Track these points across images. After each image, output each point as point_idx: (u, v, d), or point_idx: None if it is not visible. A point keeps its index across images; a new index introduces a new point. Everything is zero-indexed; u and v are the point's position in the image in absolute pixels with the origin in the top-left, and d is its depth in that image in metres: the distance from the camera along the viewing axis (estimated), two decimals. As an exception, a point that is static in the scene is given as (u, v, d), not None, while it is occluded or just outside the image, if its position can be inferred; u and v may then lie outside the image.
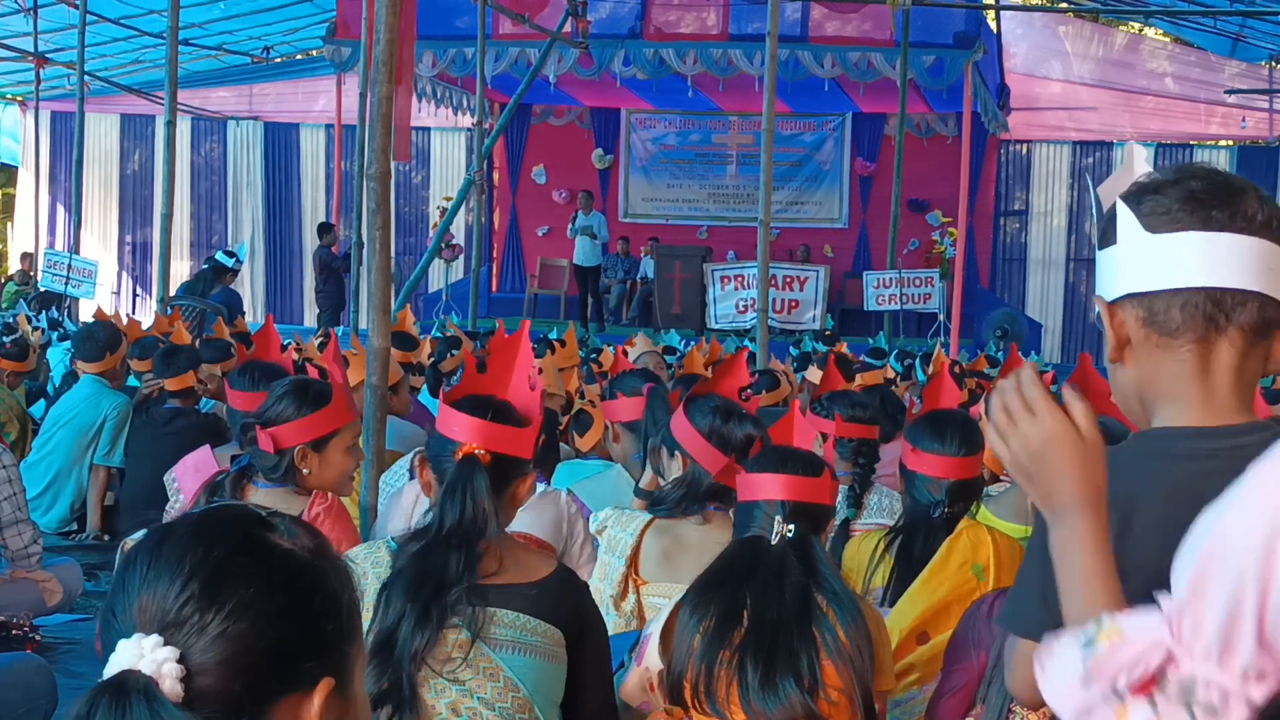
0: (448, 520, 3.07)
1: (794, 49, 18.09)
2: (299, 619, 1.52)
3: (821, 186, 24.10)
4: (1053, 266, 24.47)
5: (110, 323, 9.28)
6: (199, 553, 1.49)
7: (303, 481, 4.15)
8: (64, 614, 6.17)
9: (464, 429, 3.16)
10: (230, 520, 1.56)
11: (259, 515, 1.58)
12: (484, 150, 17.76)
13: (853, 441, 5.38)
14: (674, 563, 3.87)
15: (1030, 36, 22.71)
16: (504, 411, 3.22)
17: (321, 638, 1.54)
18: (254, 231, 25.98)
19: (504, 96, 20.73)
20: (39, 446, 8.16)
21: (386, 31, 5.95)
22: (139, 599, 1.48)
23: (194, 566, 1.48)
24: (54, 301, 16.08)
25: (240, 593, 1.47)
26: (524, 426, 3.23)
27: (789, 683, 2.98)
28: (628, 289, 22.46)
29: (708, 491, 3.92)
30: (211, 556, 1.49)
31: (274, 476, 4.12)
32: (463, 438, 3.15)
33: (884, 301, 17.64)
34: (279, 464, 4.12)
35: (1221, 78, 22.21)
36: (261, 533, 1.55)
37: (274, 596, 1.50)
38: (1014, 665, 1.97)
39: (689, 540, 3.90)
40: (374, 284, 5.91)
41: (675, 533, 3.92)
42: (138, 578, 1.49)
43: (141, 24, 20.56)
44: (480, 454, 3.12)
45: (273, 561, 1.52)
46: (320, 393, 4.19)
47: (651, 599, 3.85)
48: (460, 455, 3.12)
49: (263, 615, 1.48)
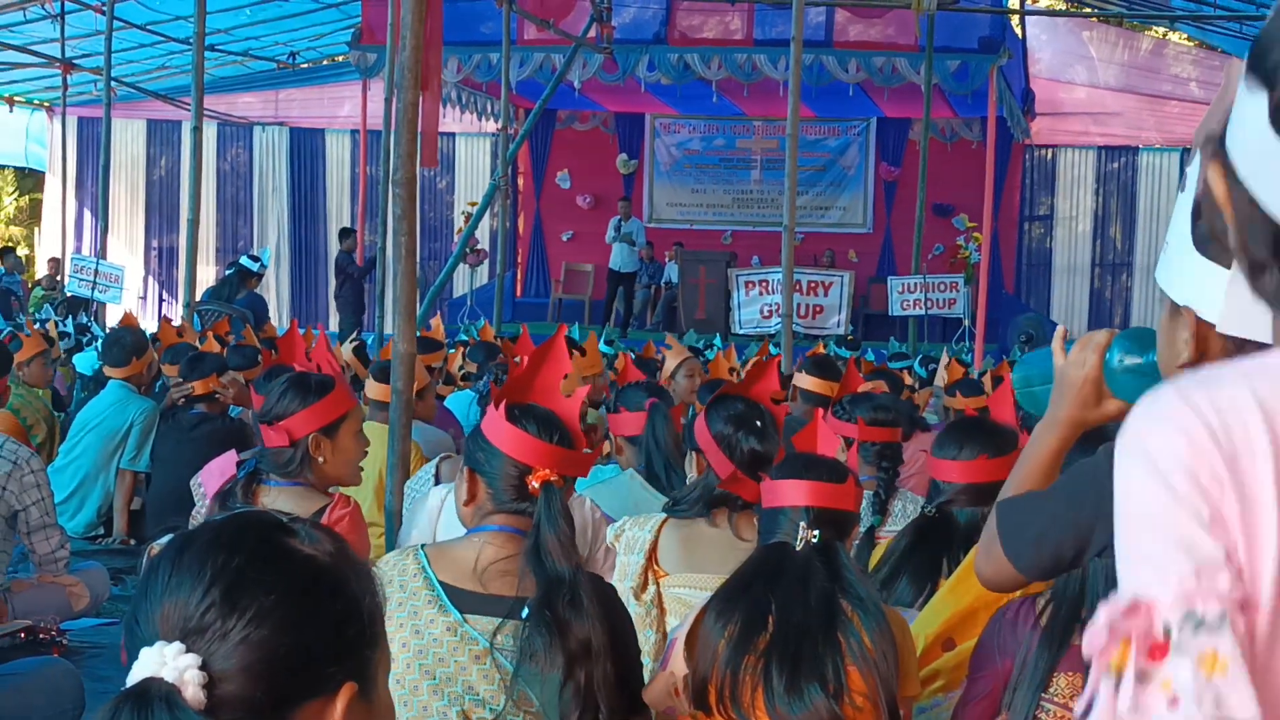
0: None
1: (818, 54, 18.07)
2: (320, 624, 1.52)
3: (846, 191, 24.08)
4: (1077, 272, 24.39)
5: (137, 329, 9.31)
6: (220, 560, 1.50)
7: (318, 471, 4.15)
8: (91, 618, 6.20)
9: (533, 453, 3.14)
10: (251, 527, 1.57)
11: (279, 521, 1.59)
12: (509, 155, 17.79)
13: (875, 445, 5.36)
14: (693, 554, 3.88)
15: (1055, 41, 22.65)
16: (566, 436, 3.20)
17: (343, 642, 1.55)
18: (279, 237, 26.05)
19: (529, 102, 20.75)
20: (66, 451, 8.19)
21: (413, 38, 5.96)
22: (161, 607, 1.49)
23: (215, 574, 1.49)
24: (81, 306, 16.15)
25: (261, 599, 1.48)
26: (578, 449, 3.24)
27: (814, 688, 2.98)
28: (652, 294, 22.46)
29: (719, 497, 3.93)
30: (233, 563, 1.50)
31: (289, 470, 4.13)
32: (533, 461, 3.13)
33: (908, 306, 17.62)
34: (293, 456, 4.13)
35: (1247, 82, 22.11)
36: (282, 538, 1.56)
37: (295, 602, 1.51)
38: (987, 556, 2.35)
39: (706, 535, 3.92)
40: (399, 289, 5.93)
41: (691, 529, 3.94)
42: (160, 586, 1.50)
43: (168, 30, 20.62)
44: (555, 480, 3.11)
45: (293, 567, 1.53)
46: (322, 382, 4.22)
47: (673, 590, 3.86)
48: (539, 481, 3.10)
49: (284, 621, 1.49)
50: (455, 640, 2.99)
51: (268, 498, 4.08)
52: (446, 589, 3.05)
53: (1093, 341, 2.27)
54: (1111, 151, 24.15)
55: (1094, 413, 2.28)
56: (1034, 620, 3.09)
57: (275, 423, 4.12)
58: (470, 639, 2.98)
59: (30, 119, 25.46)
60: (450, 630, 2.99)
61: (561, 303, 22.85)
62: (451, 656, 2.98)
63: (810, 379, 7.28)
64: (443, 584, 3.06)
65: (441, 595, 3.04)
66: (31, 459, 5.82)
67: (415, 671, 2.98)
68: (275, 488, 4.12)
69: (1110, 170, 24.21)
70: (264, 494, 4.10)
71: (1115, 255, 24.46)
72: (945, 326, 20.26)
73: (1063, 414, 2.26)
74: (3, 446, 5.73)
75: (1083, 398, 2.24)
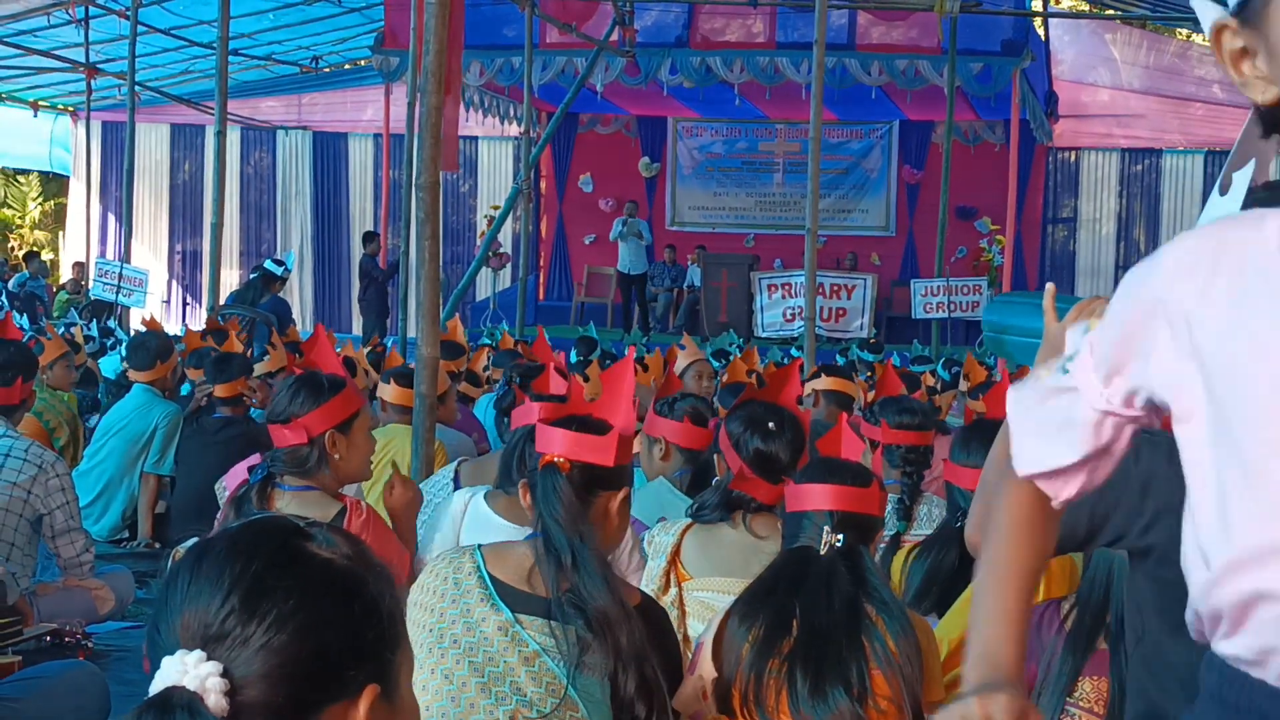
0: None
1: (841, 57, 18.04)
2: (340, 627, 1.52)
3: (869, 194, 24.05)
4: (1101, 274, 24.29)
5: (161, 332, 9.34)
6: (238, 566, 1.50)
7: (334, 469, 4.18)
8: (116, 621, 6.22)
9: (549, 439, 3.18)
10: (268, 532, 1.57)
11: (296, 525, 1.59)
12: (531, 159, 17.81)
13: (901, 449, 5.33)
14: (715, 558, 3.89)
15: (1078, 43, 22.59)
16: (590, 424, 3.21)
17: (364, 645, 1.55)
18: (302, 241, 26.11)
19: (551, 105, 20.78)
20: (90, 455, 8.22)
21: (435, 42, 5.97)
22: (181, 615, 1.49)
23: (234, 580, 1.49)
24: (105, 310, 16.19)
25: (281, 604, 1.48)
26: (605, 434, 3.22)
27: (839, 691, 2.99)
28: (674, 297, 22.46)
29: (735, 499, 3.95)
30: (251, 569, 1.50)
31: (307, 468, 4.15)
32: (549, 448, 3.16)
33: (931, 310, 17.58)
34: (309, 454, 4.14)
35: (1272, 84, 22.02)
36: (300, 543, 1.56)
37: (314, 606, 1.51)
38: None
39: (727, 538, 3.93)
40: (423, 293, 5.93)
41: (713, 533, 3.96)
42: (180, 594, 1.50)
43: (191, 34, 20.70)
44: (562, 463, 3.13)
45: (311, 571, 1.53)
46: (333, 380, 4.27)
47: (696, 594, 3.87)
48: (544, 464, 3.14)
49: (304, 625, 1.49)
50: (506, 640, 3.00)
51: (281, 502, 4.09)
52: (499, 587, 3.07)
53: (1091, 308, 2.23)
54: (1135, 154, 24.08)
55: None
56: (1059, 624, 3.09)
57: (290, 421, 4.13)
58: (521, 640, 2.99)
59: (55, 124, 25.57)
60: (501, 630, 3.01)
61: (584, 306, 22.85)
62: (501, 656, 2.99)
63: (829, 379, 7.29)
64: (495, 581, 3.08)
65: (494, 594, 3.06)
66: (57, 463, 5.84)
67: (465, 668, 2.99)
68: (289, 492, 4.12)
69: (1134, 173, 24.14)
70: (278, 499, 4.11)
71: (1139, 258, 23.89)
72: (969, 329, 20.21)
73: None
74: (28, 450, 5.75)
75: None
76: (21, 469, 5.70)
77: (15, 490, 5.68)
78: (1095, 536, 2.03)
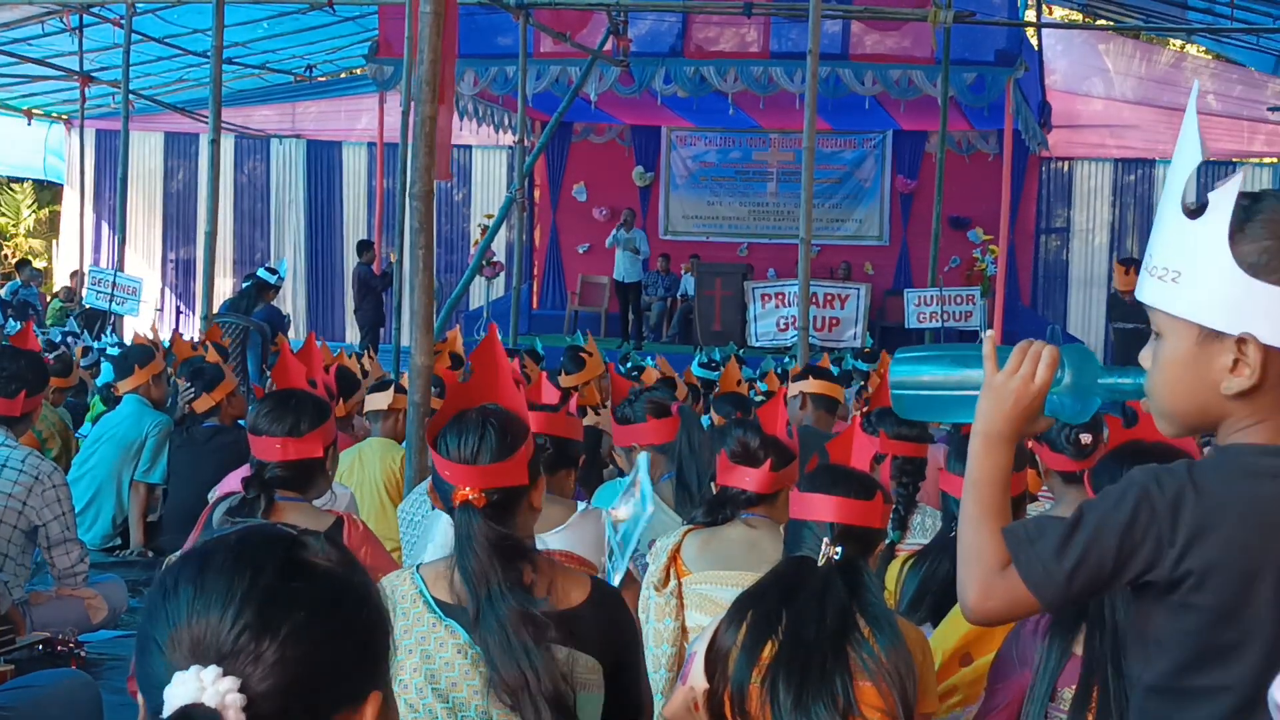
0: None
1: (835, 66, 18.04)
2: (350, 636, 1.53)
3: (862, 204, 24.07)
4: (1094, 284, 24.33)
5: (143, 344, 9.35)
6: (246, 579, 1.48)
7: (326, 480, 4.27)
8: (109, 630, 6.21)
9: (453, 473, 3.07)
10: (269, 543, 1.55)
11: (293, 535, 1.57)
12: (525, 168, 17.83)
13: (898, 459, 5.28)
14: (716, 552, 3.90)
15: (1071, 54, 22.61)
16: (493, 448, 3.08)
17: (371, 652, 1.55)
18: (296, 249, 26.10)
19: (545, 115, 20.77)
20: (80, 463, 8.22)
21: (430, 52, 5.97)
22: (188, 629, 1.46)
23: (244, 594, 1.47)
24: (99, 319, 16.18)
25: (293, 617, 1.47)
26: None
27: (820, 706, 2.97)
28: (668, 306, 22.47)
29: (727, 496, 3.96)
30: (260, 582, 1.48)
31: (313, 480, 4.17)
32: (455, 480, 3.05)
33: (925, 319, 17.60)
34: (317, 467, 4.18)
35: (1264, 95, 22.04)
36: (301, 553, 1.55)
37: (325, 617, 1.50)
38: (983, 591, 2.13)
39: (727, 535, 3.95)
40: (417, 302, 5.93)
41: (714, 532, 3.98)
42: (184, 607, 1.48)
43: (185, 43, 20.70)
44: (475, 499, 3.01)
45: (318, 582, 1.52)
46: (327, 395, 4.41)
47: (696, 587, 3.88)
48: (458, 502, 3.03)
49: (317, 637, 1.48)
50: (467, 664, 2.93)
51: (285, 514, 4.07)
52: (444, 608, 2.99)
53: (1037, 354, 2.20)
54: (1128, 164, 24.13)
55: (1034, 427, 2.23)
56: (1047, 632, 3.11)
57: (307, 434, 4.11)
58: (480, 661, 2.91)
59: (49, 132, 25.57)
60: (461, 653, 2.94)
61: (577, 315, 22.86)
62: (464, 680, 2.93)
63: (815, 382, 7.28)
64: (439, 604, 3.00)
65: (441, 616, 2.98)
66: (54, 473, 5.82)
67: (429, 695, 2.93)
68: (287, 503, 4.10)
69: (1127, 183, 24.18)
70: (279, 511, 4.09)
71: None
72: (962, 339, 20.22)
73: (1007, 429, 2.17)
74: (25, 460, 5.73)
75: (1031, 412, 2.17)
76: (17, 479, 5.68)
77: (10, 501, 5.66)
78: (1123, 570, 1.97)
